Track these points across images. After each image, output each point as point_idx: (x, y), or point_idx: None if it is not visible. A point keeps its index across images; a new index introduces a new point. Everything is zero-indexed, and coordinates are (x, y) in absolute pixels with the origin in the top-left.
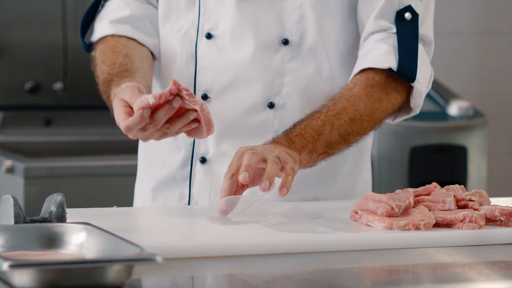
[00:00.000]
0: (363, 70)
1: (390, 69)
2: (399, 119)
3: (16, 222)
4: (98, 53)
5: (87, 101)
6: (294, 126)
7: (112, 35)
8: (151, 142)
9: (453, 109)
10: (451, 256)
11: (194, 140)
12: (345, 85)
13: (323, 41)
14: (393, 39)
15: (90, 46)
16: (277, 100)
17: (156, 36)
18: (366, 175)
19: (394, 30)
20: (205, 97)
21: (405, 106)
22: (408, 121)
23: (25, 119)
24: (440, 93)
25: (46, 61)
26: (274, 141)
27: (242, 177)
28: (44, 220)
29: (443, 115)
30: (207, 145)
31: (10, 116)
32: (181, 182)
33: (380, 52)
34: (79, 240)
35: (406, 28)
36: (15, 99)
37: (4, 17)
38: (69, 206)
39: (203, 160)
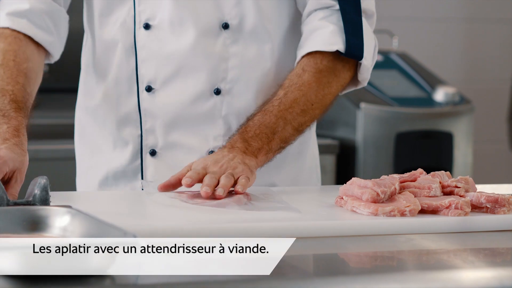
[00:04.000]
0: (310, 53)
1: (337, 51)
2: (347, 91)
3: None
4: None
5: (72, 84)
6: (248, 122)
7: (8, 28)
8: (90, 137)
9: (439, 95)
10: (437, 242)
11: (141, 132)
12: (294, 70)
13: (264, 21)
14: (337, 17)
15: None
16: (223, 85)
17: (55, 33)
18: (313, 158)
19: (337, 7)
20: (149, 89)
21: (353, 78)
22: (394, 107)
23: None
24: (426, 79)
25: None
26: (231, 145)
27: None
28: (27, 203)
29: (429, 101)
30: (156, 136)
31: None
32: (131, 176)
33: (325, 32)
34: (62, 223)
35: (348, 4)
36: None
37: None
38: (54, 189)
39: (153, 153)
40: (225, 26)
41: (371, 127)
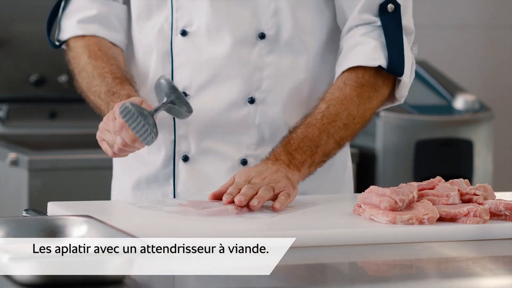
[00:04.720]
0: (351, 68)
1: (379, 66)
2: (383, 108)
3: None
4: (80, 49)
5: None
6: (291, 135)
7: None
8: None
9: (459, 102)
10: (455, 250)
11: (175, 138)
12: (335, 84)
13: (300, 33)
14: (378, 33)
15: (57, 43)
16: (257, 94)
17: (122, 31)
18: (346, 169)
19: (379, 23)
20: (184, 95)
21: (390, 95)
22: (414, 115)
23: (30, 111)
24: (446, 86)
25: (51, 54)
26: (275, 157)
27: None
28: (171, 103)
29: (448, 108)
30: (188, 143)
31: (15, 109)
32: (163, 181)
33: (367, 48)
34: (80, 233)
35: (390, 21)
36: (19, 91)
37: (8, 9)
38: (72, 199)
39: (186, 159)
40: (262, 36)
41: (391, 135)
